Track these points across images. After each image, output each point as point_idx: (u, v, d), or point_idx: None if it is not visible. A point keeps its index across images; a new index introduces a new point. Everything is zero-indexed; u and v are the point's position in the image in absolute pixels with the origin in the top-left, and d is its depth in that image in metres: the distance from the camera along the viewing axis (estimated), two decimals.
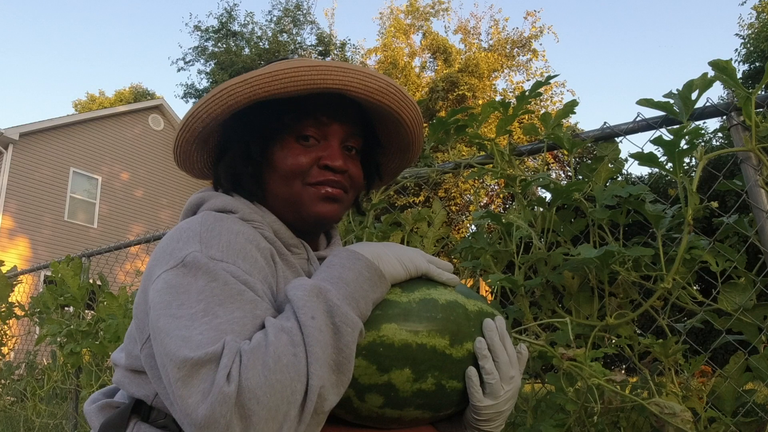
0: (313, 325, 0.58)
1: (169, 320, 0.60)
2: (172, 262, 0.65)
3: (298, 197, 0.79)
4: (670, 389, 1.19)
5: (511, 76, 18.01)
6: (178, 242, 0.68)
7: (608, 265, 1.26)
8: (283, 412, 0.53)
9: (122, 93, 28.06)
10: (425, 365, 0.66)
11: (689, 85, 1.26)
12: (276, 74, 0.73)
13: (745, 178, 1.34)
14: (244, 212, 0.78)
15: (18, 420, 3.76)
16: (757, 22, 13.86)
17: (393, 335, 0.65)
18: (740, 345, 1.28)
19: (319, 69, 0.73)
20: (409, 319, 0.67)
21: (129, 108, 14.83)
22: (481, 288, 1.63)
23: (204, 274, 0.63)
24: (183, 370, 0.55)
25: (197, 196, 0.84)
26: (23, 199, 11.96)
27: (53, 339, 2.94)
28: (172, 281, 0.63)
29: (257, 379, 0.53)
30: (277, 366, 0.54)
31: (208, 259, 0.64)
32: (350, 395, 0.65)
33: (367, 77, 0.77)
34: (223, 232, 0.69)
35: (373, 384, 0.65)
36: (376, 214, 1.77)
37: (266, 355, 0.55)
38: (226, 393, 0.52)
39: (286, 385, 0.54)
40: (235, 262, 0.66)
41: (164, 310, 0.61)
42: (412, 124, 0.86)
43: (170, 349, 0.57)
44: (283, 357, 0.55)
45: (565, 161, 12.55)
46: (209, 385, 0.53)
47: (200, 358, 0.55)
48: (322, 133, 0.80)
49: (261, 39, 20.00)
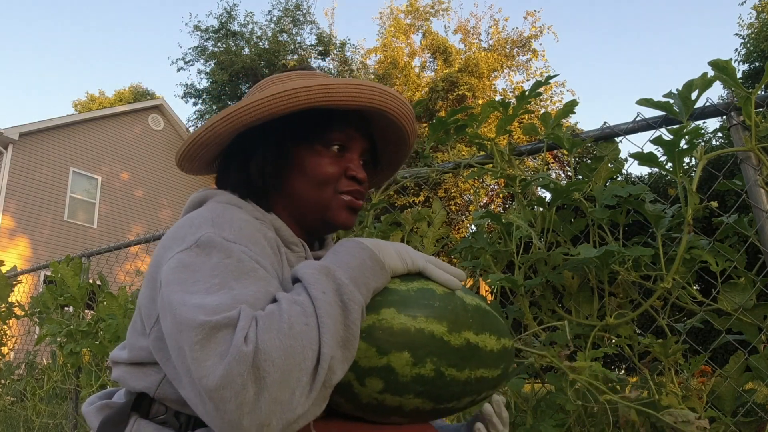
0: (325, 299, 0.60)
1: (184, 295, 0.61)
2: (185, 245, 0.68)
3: (328, 203, 0.85)
4: (670, 389, 1.19)
5: (511, 76, 18.02)
6: (190, 227, 0.70)
7: (608, 265, 1.26)
8: (296, 378, 0.54)
9: (122, 93, 28.06)
10: (423, 350, 0.67)
11: (689, 85, 1.26)
12: (341, 86, 0.80)
13: (745, 178, 1.34)
14: (247, 209, 0.81)
15: (18, 420, 3.76)
16: (757, 22, 13.87)
17: (392, 319, 0.67)
18: (740, 345, 1.28)
19: (373, 90, 0.83)
20: (407, 305, 0.69)
21: (129, 108, 14.82)
22: (481, 288, 1.63)
23: (218, 252, 0.65)
24: (201, 333, 0.55)
25: (200, 193, 0.86)
26: (23, 199, 11.95)
27: (53, 339, 2.94)
28: (186, 260, 0.65)
29: (273, 342, 0.54)
30: (291, 332, 0.56)
31: (221, 239, 0.67)
32: (350, 379, 0.66)
33: (402, 103, 0.88)
34: (234, 219, 0.72)
35: (372, 367, 0.65)
36: (376, 214, 1.77)
37: (281, 321, 0.56)
38: (245, 352, 0.53)
39: (298, 351, 0.55)
40: (247, 245, 0.68)
41: (178, 286, 0.62)
42: (411, 145, 0.97)
43: (186, 316, 0.58)
44: (296, 325, 0.57)
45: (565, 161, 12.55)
46: (227, 347, 0.54)
47: (218, 321, 0.56)
48: (347, 146, 0.87)
49: (261, 39, 19.99)
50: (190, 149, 0.85)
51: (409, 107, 0.89)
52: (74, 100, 31.52)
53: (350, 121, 0.86)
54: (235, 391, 0.51)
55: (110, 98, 28.06)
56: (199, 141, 0.83)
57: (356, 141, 0.87)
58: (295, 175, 0.85)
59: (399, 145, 0.97)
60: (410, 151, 0.99)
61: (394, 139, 0.95)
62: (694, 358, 1.22)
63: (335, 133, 0.85)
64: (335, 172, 0.85)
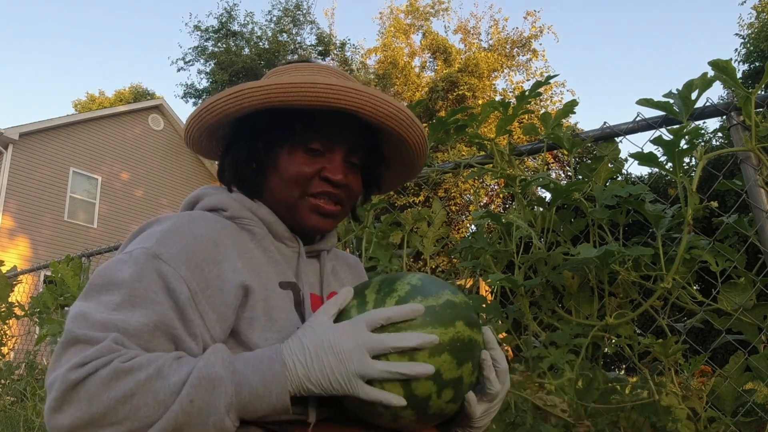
0: (187, 408, 0.59)
1: (86, 299, 0.67)
2: (126, 248, 0.73)
3: (294, 205, 0.82)
4: (670, 389, 1.19)
5: (511, 76, 18.03)
6: (144, 235, 0.74)
7: (608, 265, 1.26)
8: (97, 424, 0.58)
9: (122, 93, 28.06)
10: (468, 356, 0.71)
11: (689, 85, 1.26)
12: (292, 86, 0.76)
13: (745, 177, 1.34)
14: (234, 209, 0.81)
15: (18, 420, 3.76)
16: (757, 22, 13.87)
17: (464, 331, 0.71)
18: (740, 345, 1.28)
19: (335, 89, 0.77)
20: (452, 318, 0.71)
21: (129, 108, 14.83)
22: (481, 288, 1.63)
23: (136, 272, 0.67)
24: (66, 341, 0.62)
25: (195, 193, 0.87)
26: (23, 199, 11.95)
27: (53, 339, 2.94)
28: (112, 266, 0.69)
29: (96, 387, 0.58)
30: (122, 400, 0.59)
31: (148, 257, 0.69)
32: (431, 392, 0.67)
33: (380, 101, 0.81)
34: (184, 236, 0.72)
35: (451, 378, 0.68)
36: (376, 214, 1.77)
37: (124, 385, 0.59)
38: (70, 377, 0.59)
39: (110, 408, 0.58)
40: (177, 267, 0.69)
41: (91, 288, 0.68)
42: (416, 146, 0.90)
43: (69, 321, 0.64)
44: (135, 398, 0.59)
45: (565, 161, 12.55)
46: (69, 359, 0.60)
47: (83, 335, 0.61)
48: (327, 146, 0.83)
49: (261, 39, 20.00)
50: (190, 136, 0.88)
51: (396, 105, 0.83)
52: (74, 100, 31.54)
53: (329, 120, 0.82)
54: (50, 398, 0.60)
55: (110, 98, 28.06)
56: (191, 133, 0.86)
57: (338, 140, 0.83)
58: (272, 172, 0.84)
59: (401, 144, 0.90)
60: (418, 148, 0.90)
61: (396, 139, 0.90)
62: (694, 358, 1.22)
63: (309, 133, 0.82)
64: (306, 173, 0.81)
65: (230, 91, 0.79)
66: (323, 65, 0.91)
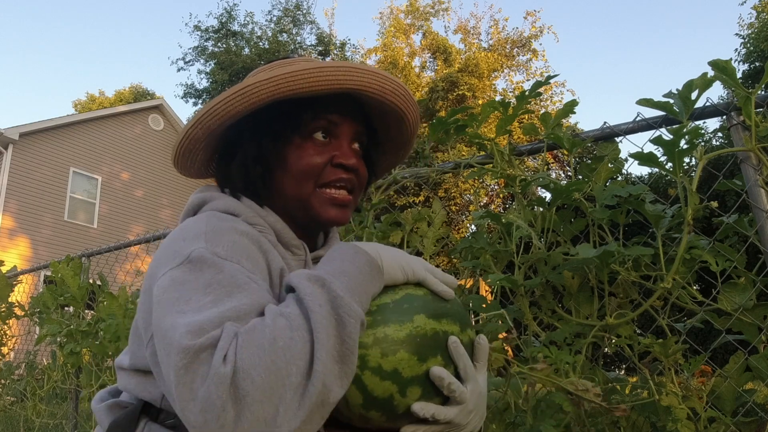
0: (320, 312, 0.58)
1: (174, 317, 0.59)
2: (177, 260, 0.66)
3: (309, 200, 0.81)
4: (670, 389, 1.19)
5: (511, 76, 18.04)
6: (183, 241, 0.69)
7: (608, 265, 1.26)
8: (279, 395, 0.53)
9: (122, 93, 28.07)
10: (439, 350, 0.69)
11: (689, 85, 1.26)
12: (301, 73, 0.74)
13: (745, 177, 1.34)
14: (247, 215, 0.78)
15: (18, 420, 3.76)
16: (757, 21, 13.87)
17: (425, 325, 0.68)
18: (740, 345, 1.28)
19: (342, 69, 0.76)
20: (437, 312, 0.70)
21: (129, 108, 14.83)
22: (481, 288, 1.63)
23: (210, 268, 0.63)
24: (186, 358, 0.54)
25: (198, 196, 0.84)
26: (23, 199, 11.96)
27: (53, 339, 2.94)
28: (178, 278, 0.64)
29: (252, 359, 0.53)
30: (273, 347, 0.54)
31: (212, 255, 0.65)
32: (393, 392, 0.64)
33: (384, 79, 0.80)
34: (228, 232, 0.70)
35: (414, 375, 0.65)
36: (376, 214, 1.77)
37: (262, 336, 0.55)
38: (222, 374, 0.52)
39: (280, 367, 0.53)
40: (239, 261, 0.66)
41: (169, 307, 0.61)
42: (414, 124, 0.90)
43: (173, 341, 0.57)
44: (279, 339, 0.55)
45: (565, 161, 12.55)
46: (207, 368, 0.53)
47: (202, 343, 0.55)
48: (333, 132, 0.82)
49: (261, 39, 20.02)
50: (183, 150, 0.84)
51: (397, 82, 0.82)
52: (74, 100, 31.55)
53: (333, 107, 0.81)
54: (216, 414, 0.51)
55: (110, 98, 28.06)
56: (184, 145, 0.82)
57: (344, 126, 0.82)
58: (279, 172, 0.82)
59: (399, 123, 0.90)
60: (414, 127, 0.91)
61: (394, 119, 0.89)
62: (694, 358, 1.22)
63: (314, 122, 0.80)
64: (318, 162, 0.79)
65: (234, 90, 0.76)
66: (305, 56, 0.90)
